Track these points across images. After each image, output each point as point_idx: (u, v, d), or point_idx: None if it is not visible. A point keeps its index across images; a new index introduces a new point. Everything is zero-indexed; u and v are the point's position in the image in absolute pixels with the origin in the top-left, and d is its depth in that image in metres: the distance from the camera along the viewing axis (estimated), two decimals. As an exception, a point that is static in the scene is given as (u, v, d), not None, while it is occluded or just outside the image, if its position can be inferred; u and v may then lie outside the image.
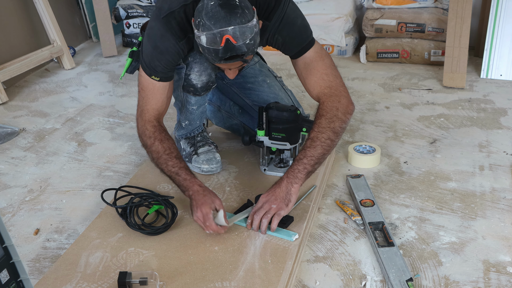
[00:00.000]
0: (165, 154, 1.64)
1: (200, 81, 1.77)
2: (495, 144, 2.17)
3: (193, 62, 1.73)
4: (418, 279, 1.45)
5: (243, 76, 2.03)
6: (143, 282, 1.35)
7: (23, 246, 1.64)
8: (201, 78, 1.76)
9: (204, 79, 1.77)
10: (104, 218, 1.66)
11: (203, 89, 1.80)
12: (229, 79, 1.97)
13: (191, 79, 1.76)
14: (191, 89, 1.79)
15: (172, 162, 1.63)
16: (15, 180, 2.02)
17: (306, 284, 1.44)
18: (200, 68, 1.74)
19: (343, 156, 2.10)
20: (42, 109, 2.66)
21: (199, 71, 1.75)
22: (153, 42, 1.62)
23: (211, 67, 1.76)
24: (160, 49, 1.61)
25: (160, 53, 1.62)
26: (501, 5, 2.77)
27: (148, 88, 1.69)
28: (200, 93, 1.81)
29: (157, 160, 1.65)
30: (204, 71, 1.75)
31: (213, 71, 1.79)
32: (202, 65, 1.74)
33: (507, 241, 1.59)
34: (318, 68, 1.68)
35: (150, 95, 1.69)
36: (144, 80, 1.69)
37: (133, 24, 3.58)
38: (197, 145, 1.95)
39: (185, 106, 1.88)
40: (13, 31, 3.01)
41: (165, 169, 1.64)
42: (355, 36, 3.39)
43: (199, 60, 1.73)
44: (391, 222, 1.69)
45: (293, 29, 1.66)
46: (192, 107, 1.87)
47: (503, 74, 2.85)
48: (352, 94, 2.72)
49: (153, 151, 1.66)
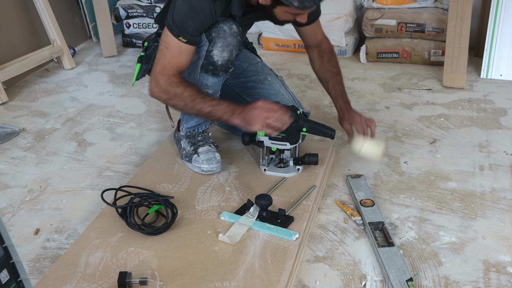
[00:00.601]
0: (200, 94, 1.73)
1: (222, 58, 1.77)
2: (495, 144, 2.17)
3: (217, 37, 1.75)
4: (418, 279, 1.45)
5: (245, 76, 2.05)
6: (143, 282, 1.35)
7: (23, 246, 1.64)
8: (223, 54, 1.77)
9: (226, 56, 1.77)
10: (104, 218, 1.66)
11: (222, 67, 1.80)
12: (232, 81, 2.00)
13: (213, 55, 1.77)
14: (210, 68, 1.79)
15: (209, 98, 1.73)
16: (15, 180, 2.02)
17: (306, 284, 1.44)
18: (224, 43, 1.75)
19: (343, 156, 2.10)
20: (42, 109, 2.67)
21: (222, 46, 1.75)
22: (189, 2, 1.66)
23: (233, 44, 1.77)
24: (196, 8, 1.66)
25: (196, 13, 1.66)
26: (501, 5, 2.77)
27: (174, 47, 1.71)
28: (219, 72, 1.81)
29: (193, 102, 1.72)
30: (227, 46, 1.76)
31: (235, 48, 1.80)
32: (225, 40, 1.75)
33: (507, 241, 1.59)
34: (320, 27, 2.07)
35: (176, 54, 1.72)
36: (170, 41, 1.71)
37: (133, 24, 3.58)
38: (198, 144, 1.95)
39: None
40: (13, 31, 3.01)
41: (205, 106, 1.72)
42: (355, 36, 3.39)
43: (223, 35, 1.74)
44: (391, 222, 1.69)
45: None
46: (207, 91, 1.85)
47: (503, 74, 2.85)
48: (352, 94, 2.72)
49: (187, 96, 1.71)
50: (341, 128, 2.01)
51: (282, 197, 1.75)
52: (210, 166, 1.90)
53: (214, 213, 1.68)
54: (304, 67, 3.13)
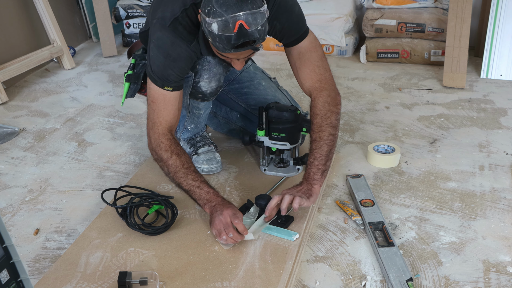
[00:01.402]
0: (184, 168, 1.61)
1: (210, 88, 1.77)
2: (495, 144, 2.17)
3: (202, 69, 1.72)
4: (418, 279, 1.45)
5: (238, 82, 2.03)
6: (143, 282, 1.35)
7: (23, 246, 1.64)
8: (211, 85, 1.76)
9: (214, 85, 1.77)
10: (104, 218, 1.66)
11: (212, 94, 1.80)
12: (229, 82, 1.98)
13: (201, 87, 1.75)
14: (199, 96, 1.79)
15: (192, 176, 1.61)
16: (15, 180, 2.02)
17: (306, 284, 1.44)
18: (210, 74, 1.73)
19: (343, 156, 2.10)
20: (42, 109, 2.66)
21: (209, 77, 1.74)
22: (164, 51, 1.60)
23: (220, 72, 1.75)
24: (173, 56, 1.60)
25: (173, 61, 1.60)
26: (501, 5, 2.77)
27: (159, 99, 1.65)
28: (208, 98, 1.81)
29: (174, 174, 1.62)
30: (213, 77, 1.74)
31: (222, 76, 1.78)
32: (211, 72, 1.73)
33: (507, 241, 1.59)
34: (311, 59, 1.71)
35: (161, 107, 1.65)
36: (154, 92, 1.65)
37: (133, 24, 3.58)
38: (197, 145, 1.95)
39: (192, 111, 1.88)
40: (13, 31, 3.01)
41: (184, 183, 1.61)
42: (355, 36, 3.39)
43: (208, 66, 1.72)
44: (391, 222, 1.69)
45: (291, 17, 1.67)
46: (200, 112, 1.88)
47: (503, 74, 2.85)
48: (352, 94, 2.72)
49: (170, 165, 1.62)
50: (341, 129, 2.01)
51: (282, 197, 1.75)
52: (210, 166, 1.90)
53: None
54: (304, 67, 3.13)
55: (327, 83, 1.71)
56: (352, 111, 2.52)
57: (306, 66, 1.71)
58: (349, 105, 2.59)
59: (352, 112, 2.51)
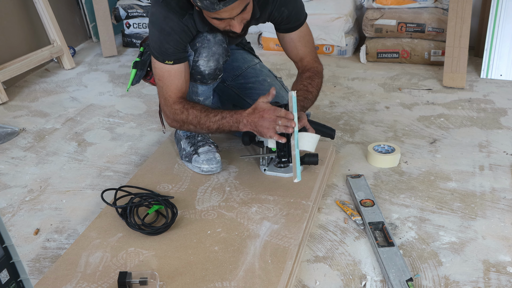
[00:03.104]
0: (203, 112, 1.72)
1: (208, 67, 1.78)
2: (495, 144, 2.17)
3: (201, 47, 1.75)
4: (418, 279, 1.45)
5: (244, 77, 2.05)
6: (143, 282, 1.35)
7: (23, 246, 1.64)
8: (209, 64, 1.77)
9: (212, 65, 1.78)
10: (104, 218, 1.66)
11: (210, 76, 1.81)
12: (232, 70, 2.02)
13: (199, 65, 1.77)
14: (198, 77, 1.80)
15: (213, 113, 1.71)
16: (15, 180, 2.02)
17: (306, 284, 1.44)
18: (209, 53, 1.75)
19: (343, 156, 2.10)
20: (42, 109, 2.67)
21: (207, 56, 1.76)
22: (158, 26, 1.67)
23: (219, 52, 1.77)
24: (167, 30, 1.66)
25: (168, 34, 1.66)
26: (501, 5, 2.77)
27: (165, 76, 1.73)
28: (207, 81, 1.82)
29: (199, 122, 1.72)
30: (212, 56, 1.76)
31: (221, 57, 1.79)
32: (210, 50, 1.75)
33: (507, 241, 1.59)
34: (310, 41, 1.93)
35: (168, 82, 1.74)
36: (159, 70, 1.73)
37: (133, 24, 3.58)
38: (198, 144, 1.95)
39: (191, 98, 1.88)
40: (13, 31, 3.01)
41: (211, 125, 1.71)
42: (355, 36, 3.39)
43: (207, 45, 1.75)
44: (391, 222, 1.69)
45: (296, 3, 1.82)
46: (199, 98, 1.87)
47: (503, 74, 2.85)
48: (352, 94, 2.72)
49: (192, 119, 1.73)
50: (341, 129, 2.01)
51: (282, 197, 1.75)
52: (210, 166, 1.90)
53: (214, 213, 1.68)
54: (304, 67, 3.13)
55: (321, 65, 1.95)
56: (352, 111, 2.52)
57: (307, 46, 1.91)
58: (349, 105, 2.59)
59: (352, 112, 2.51)
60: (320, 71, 1.92)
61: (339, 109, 2.55)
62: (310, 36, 1.93)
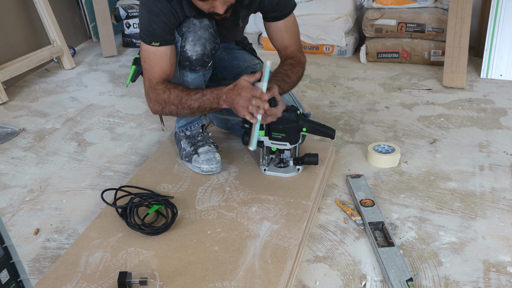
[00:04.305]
0: (185, 91, 1.73)
1: (195, 52, 1.79)
2: (495, 144, 2.17)
3: (187, 31, 1.77)
4: (418, 279, 1.45)
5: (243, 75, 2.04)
6: (143, 282, 1.35)
7: (23, 246, 1.64)
8: (196, 49, 1.78)
9: (199, 50, 1.79)
10: (104, 218, 1.66)
11: (198, 62, 1.81)
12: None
13: (186, 51, 1.78)
14: (186, 63, 1.81)
15: (194, 91, 1.73)
16: (15, 180, 2.02)
17: (306, 284, 1.44)
18: (194, 37, 1.77)
19: (343, 156, 2.10)
20: (42, 109, 2.67)
21: (193, 40, 1.77)
22: (147, 7, 1.71)
23: (205, 37, 1.78)
24: (155, 11, 1.70)
25: (156, 15, 1.70)
26: (501, 5, 2.77)
27: (150, 58, 1.75)
28: (195, 67, 1.82)
29: (180, 101, 1.73)
30: (198, 40, 1.77)
31: (208, 42, 1.80)
32: (196, 34, 1.77)
33: (507, 241, 1.59)
34: (296, 31, 1.94)
35: (153, 64, 1.76)
36: (145, 52, 1.76)
37: (133, 24, 3.58)
38: (197, 144, 1.95)
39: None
40: (13, 31, 3.01)
41: (192, 101, 1.72)
42: (355, 36, 3.39)
43: (193, 29, 1.76)
44: (391, 222, 1.69)
45: None
46: (190, 87, 1.87)
47: (503, 74, 2.85)
48: (352, 94, 2.72)
49: (173, 98, 1.73)
50: (341, 129, 2.01)
51: (282, 197, 1.75)
52: (210, 166, 1.90)
53: (214, 213, 1.68)
54: (304, 67, 3.13)
55: (304, 56, 1.95)
56: (352, 111, 2.52)
57: (293, 36, 1.92)
58: (349, 105, 2.59)
59: (352, 112, 2.51)
60: (303, 62, 1.92)
61: (339, 109, 2.55)
62: (296, 27, 1.94)
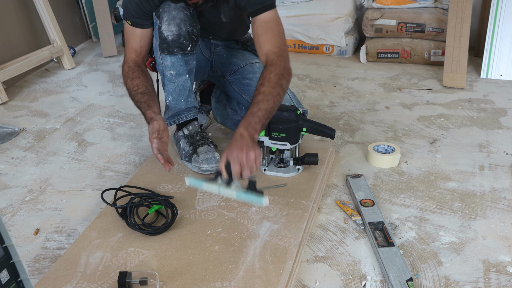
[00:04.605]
0: (133, 91, 1.83)
1: (170, 32, 1.80)
2: (495, 144, 2.17)
3: (163, 12, 1.81)
4: (418, 279, 1.45)
5: (241, 73, 2.05)
6: (143, 282, 1.35)
7: (23, 246, 1.64)
8: (170, 28, 1.80)
9: (174, 30, 1.80)
10: (104, 218, 1.66)
11: (175, 43, 1.81)
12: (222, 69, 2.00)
13: (162, 31, 1.81)
14: (164, 45, 1.83)
15: (138, 97, 1.82)
16: (15, 180, 2.02)
17: (306, 284, 1.44)
18: (169, 16, 1.80)
19: (343, 156, 2.10)
20: (42, 109, 2.67)
21: (168, 19, 1.80)
22: None
23: (179, 17, 1.80)
24: None
25: None
26: (501, 5, 2.77)
27: (127, 34, 1.90)
28: (173, 49, 1.82)
29: (130, 96, 1.86)
30: (172, 20, 1.80)
31: (183, 22, 1.80)
32: (170, 14, 1.80)
33: (507, 241, 1.59)
34: (273, 28, 1.79)
35: (128, 39, 1.89)
36: (125, 27, 1.90)
37: (133, 24, 3.57)
38: (197, 144, 1.95)
39: (164, 74, 1.89)
40: (13, 31, 3.01)
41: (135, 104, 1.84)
42: (355, 36, 3.39)
43: (168, 9, 1.80)
44: (391, 222, 1.69)
45: None
46: (170, 72, 1.86)
47: (503, 74, 2.85)
48: (352, 94, 2.72)
49: (127, 88, 1.87)
50: (341, 129, 2.01)
51: (282, 197, 1.75)
52: (210, 166, 1.90)
53: (214, 213, 1.68)
54: (304, 67, 3.13)
55: (285, 52, 1.78)
56: (352, 111, 2.52)
57: (268, 33, 1.78)
58: (349, 105, 2.59)
59: (352, 112, 2.51)
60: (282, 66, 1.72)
61: (339, 109, 2.55)
62: (277, 26, 1.78)
